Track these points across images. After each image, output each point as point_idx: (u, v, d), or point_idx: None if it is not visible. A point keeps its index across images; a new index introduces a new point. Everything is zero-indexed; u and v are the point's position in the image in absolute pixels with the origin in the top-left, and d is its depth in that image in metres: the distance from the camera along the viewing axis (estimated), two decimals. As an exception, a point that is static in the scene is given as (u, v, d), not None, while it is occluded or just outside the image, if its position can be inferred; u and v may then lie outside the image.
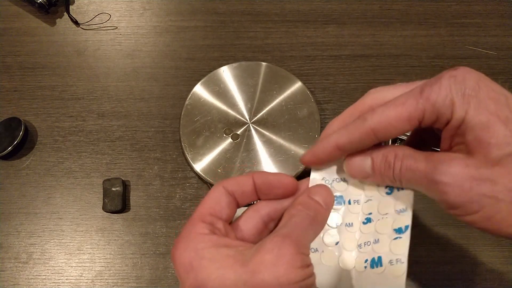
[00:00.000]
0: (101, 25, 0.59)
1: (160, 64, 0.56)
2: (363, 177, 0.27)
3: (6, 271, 0.46)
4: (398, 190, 0.28)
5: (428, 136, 0.30)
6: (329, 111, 0.53)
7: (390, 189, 0.28)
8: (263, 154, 0.47)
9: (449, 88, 0.23)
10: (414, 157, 0.24)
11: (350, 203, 0.29)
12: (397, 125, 0.24)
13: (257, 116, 0.49)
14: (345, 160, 0.27)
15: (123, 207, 0.48)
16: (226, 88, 0.51)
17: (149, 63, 0.56)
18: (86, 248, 0.47)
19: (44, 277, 0.46)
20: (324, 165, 0.29)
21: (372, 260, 0.27)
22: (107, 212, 0.48)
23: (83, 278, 0.46)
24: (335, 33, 0.58)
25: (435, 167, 0.23)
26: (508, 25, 0.59)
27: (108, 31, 0.59)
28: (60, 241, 0.47)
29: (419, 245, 0.46)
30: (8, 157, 0.51)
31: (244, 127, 0.49)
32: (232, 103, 0.50)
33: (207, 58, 0.56)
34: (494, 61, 0.57)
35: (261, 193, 0.27)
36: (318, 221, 0.26)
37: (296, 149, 0.47)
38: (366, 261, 0.27)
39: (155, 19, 0.59)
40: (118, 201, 0.47)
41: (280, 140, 0.48)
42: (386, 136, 0.25)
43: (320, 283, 0.25)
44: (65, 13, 0.59)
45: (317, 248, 0.28)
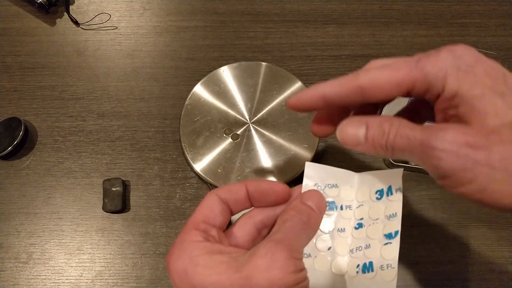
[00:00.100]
0: (101, 25, 0.59)
1: (160, 64, 0.56)
2: (354, 145, 0.26)
3: (6, 271, 0.46)
4: (388, 196, 0.28)
5: (424, 109, 0.30)
6: (329, 111, 0.53)
7: (380, 195, 0.28)
8: (263, 154, 0.47)
9: (445, 61, 0.23)
10: (410, 126, 0.24)
11: (342, 208, 0.29)
12: (385, 88, 0.24)
13: (257, 116, 0.49)
14: (338, 127, 0.27)
15: (123, 207, 0.48)
16: (226, 88, 0.51)
17: (149, 63, 0.56)
18: (86, 248, 0.47)
19: (44, 277, 0.46)
20: (306, 112, 0.28)
21: (364, 265, 0.27)
22: (107, 212, 0.48)
23: (83, 278, 0.46)
24: (335, 33, 0.58)
25: (431, 134, 0.22)
26: (508, 25, 0.59)
27: (108, 31, 0.59)
28: (60, 241, 0.47)
29: (419, 245, 0.46)
30: (8, 157, 0.51)
31: (244, 127, 0.49)
32: (232, 103, 0.50)
33: (207, 58, 0.57)
34: (494, 61, 0.57)
35: (254, 201, 0.27)
36: (311, 226, 0.26)
37: (296, 149, 0.47)
38: (358, 266, 0.28)
39: (155, 19, 0.59)
40: (118, 201, 0.47)
41: (280, 140, 0.48)
42: (372, 97, 0.25)
43: None
44: (65, 13, 0.59)
45: (310, 254, 0.29)
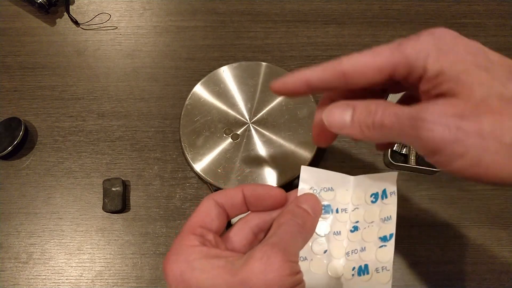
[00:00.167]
0: (101, 25, 0.59)
1: (160, 64, 0.56)
2: (340, 127, 0.25)
3: (6, 271, 0.46)
4: (383, 199, 0.28)
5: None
6: (329, 111, 0.53)
7: (375, 198, 0.28)
8: (263, 154, 0.47)
9: (425, 43, 0.23)
10: (397, 105, 0.23)
11: (338, 211, 0.30)
12: (367, 73, 0.24)
13: (257, 116, 0.49)
14: (325, 110, 0.26)
15: (123, 207, 0.48)
16: (226, 88, 0.51)
17: (149, 63, 0.56)
18: (86, 248, 0.47)
19: (44, 277, 0.46)
20: (289, 97, 0.28)
21: (359, 268, 0.28)
22: (107, 212, 0.48)
23: (83, 278, 0.46)
24: (335, 33, 0.58)
25: (420, 108, 0.22)
26: (508, 25, 0.59)
27: (108, 31, 0.59)
28: (60, 241, 0.47)
29: (419, 245, 0.46)
30: (8, 157, 0.51)
31: (244, 127, 0.49)
32: (232, 103, 0.50)
33: (207, 58, 0.57)
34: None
35: (250, 205, 0.27)
36: (306, 229, 0.26)
37: (296, 149, 0.47)
38: (354, 269, 0.28)
39: (155, 19, 0.59)
40: (118, 201, 0.47)
41: (280, 140, 0.48)
42: (355, 82, 0.25)
43: None
44: (65, 13, 0.59)
45: (306, 257, 0.29)
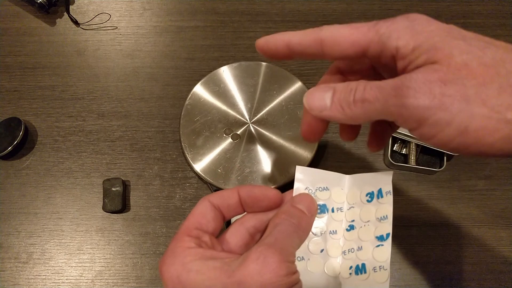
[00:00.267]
0: (101, 25, 0.59)
1: (160, 64, 0.56)
2: (320, 109, 0.25)
3: (6, 271, 0.46)
4: (378, 198, 0.28)
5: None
6: (329, 111, 0.53)
7: (370, 197, 0.28)
8: (263, 154, 0.47)
9: (399, 23, 0.23)
10: (378, 81, 0.23)
11: (334, 211, 0.30)
12: (342, 44, 0.24)
13: (257, 116, 0.49)
14: (306, 93, 0.26)
15: (123, 207, 0.48)
16: (226, 88, 0.51)
17: (149, 63, 0.56)
18: (86, 248, 0.47)
19: (44, 277, 0.46)
20: (272, 58, 0.28)
21: (357, 267, 0.28)
22: (107, 212, 0.48)
23: (83, 278, 0.46)
24: (335, 33, 0.58)
25: (403, 78, 0.21)
26: (508, 25, 0.59)
27: (108, 31, 0.59)
28: (60, 241, 0.47)
29: (419, 245, 0.46)
30: (8, 157, 0.51)
31: (244, 127, 0.49)
32: (232, 103, 0.50)
33: (207, 58, 0.56)
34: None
35: (246, 206, 0.27)
36: (302, 228, 0.26)
37: (296, 149, 0.47)
38: (351, 268, 0.28)
39: (155, 19, 0.59)
40: (118, 201, 0.47)
41: (280, 140, 0.48)
42: (330, 51, 0.25)
43: None
44: (65, 13, 0.59)
45: (303, 257, 0.29)
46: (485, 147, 0.20)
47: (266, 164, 0.47)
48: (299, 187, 0.30)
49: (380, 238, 0.27)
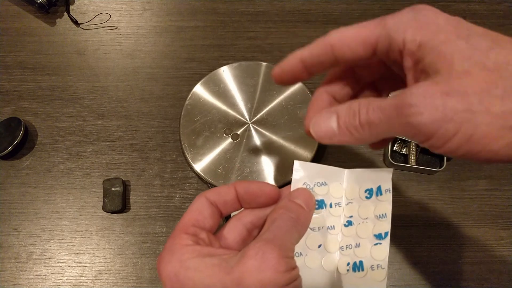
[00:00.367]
0: (101, 25, 0.59)
1: (160, 64, 0.56)
2: (329, 136, 0.25)
3: (6, 271, 0.46)
4: (377, 196, 0.28)
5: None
6: (329, 111, 0.53)
7: (369, 194, 0.28)
8: (263, 154, 0.47)
9: (405, 16, 0.23)
10: (379, 99, 0.23)
11: (332, 206, 0.30)
12: (352, 45, 0.24)
13: (257, 116, 0.49)
14: (310, 124, 0.26)
15: (123, 207, 0.48)
16: (226, 88, 0.51)
17: (149, 63, 0.56)
18: (86, 248, 0.47)
19: (44, 277, 0.46)
20: (291, 82, 0.28)
21: (354, 264, 0.28)
22: (107, 212, 0.48)
23: (83, 278, 0.46)
24: (335, 33, 0.58)
25: (404, 95, 0.21)
26: (508, 25, 0.59)
27: (108, 31, 0.59)
28: (60, 241, 0.47)
29: (419, 245, 0.46)
30: (8, 157, 0.51)
31: (244, 127, 0.49)
32: (232, 103, 0.50)
33: (207, 58, 0.56)
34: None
35: (244, 202, 0.27)
36: (300, 223, 0.26)
37: (296, 149, 0.47)
38: (348, 264, 0.28)
39: (155, 19, 0.59)
40: (118, 201, 0.47)
41: (280, 140, 0.48)
42: (342, 54, 0.25)
43: (305, 285, 0.25)
44: (65, 13, 0.59)
45: (301, 252, 0.29)
46: (491, 153, 0.20)
47: (266, 164, 0.47)
48: (297, 182, 0.29)
49: (379, 237, 0.27)
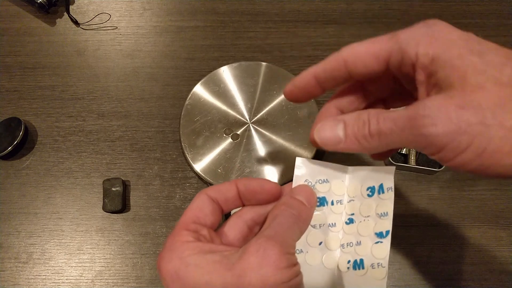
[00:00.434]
0: (101, 25, 0.59)
1: (160, 64, 0.56)
2: (334, 143, 0.25)
3: (6, 271, 0.46)
4: (379, 194, 0.28)
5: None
6: (329, 111, 0.53)
7: (371, 192, 0.28)
8: (263, 154, 0.47)
9: (418, 30, 0.23)
10: (389, 111, 0.23)
11: (333, 203, 0.29)
12: (365, 59, 0.24)
13: (257, 116, 0.49)
14: (314, 130, 0.27)
15: (123, 207, 0.48)
16: (226, 88, 0.51)
17: (149, 63, 0.56)
18: (86, 248, 0.47)
19: (44, 277, 0.46)
20: (303, 99, 0.28)
21: (355, 262, 0.28)
22: (107, 212, 0.48)
23: (83, 278, 0.46)
24: (335, 33, 0.58)
25: (417, 107, 0.21)
26: (508, 25, 0.59)
27: (108, 31, 0.59)
28: (60, 241, 0.47)
29: (419, 245, 0.46)
30: (8, 157, 0.51)
31: (244, 127, 0.49)
32: (232, 103, 0.50)
33: (207, 58, 0.56)
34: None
35: (245, 199, 0.27)
36: (302, 219, 0.26)
37: (296, 149, 0.47)
38: (349, 262, 0.28)
39: (155, 19, 0.59)
40: (118, 201, 0.47)
41: (280, 140, 0.48)
42: (355, 69, 0.25)
43: (305, 283, 0.25)
44: (65, 13, 0.59)
45: (301, 249, 0.29)
46: (502, 168, 0.20)
47: (266, 164, 0.47)
48: (298, 179, 0.29)
49: (380, 235, 0.27)
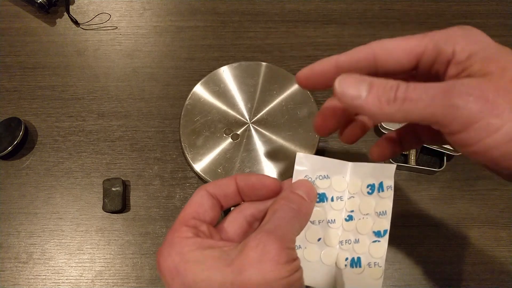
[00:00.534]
0: (101, 25, 0.59)
1: (160, 64, 0.56)
2: (353, 97, 0.22)
3: (6, 271, 0.46)
4: (379, 192, 0.28)
5: (422, 131, 0.29)
6: (329, 111, 0.53)
7: (371, 189, 0.28)
8: (263, 154, 0.47)
9: (455, 32, 0.23)
10: (423, 83, 0.21)
11: (333, 200, 0.29)
12: (396, 54, 0.24)
13: (257, 116, 0.49)
14: (337, 78, 0.23)
15: (123, 207, 0.48)
16: (226, 88, 0.51)
17: (149, 63, 0.56)
18: (86, 248, 0.47)
19: (44, 277, 0.46)
20: (318, 83, 0.26)
21: (352, 260, 0.28)
22: (107, 212, 0.48)
23: (83, 278, 0.46)
24: (335, 33, 0.58)
25: (455, 82, 0.20)
26: (508, 25, 0.59)
27: (108, 31, 0.59)
28: (60, 241, 0.47)
29: (419, 245, 0.46)
30: (8, 157, 0.51)
31: (244, 127, 0.49)
32: (232, 103, 0.50)
33: (207, 58, 0.56)
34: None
35: (244, 195, 0.27)
36: (302, 214, 0.25)
37: (296, 149, 0.47)
38: (347, 259, 0.28)
39: (155, 19, 0.59)
40: (118, 201, 0.47)
41: (280, 140, 0.48)
42: (384, 63, 0.24)
43: (303, 278, 0.25)
44: (65, 13, 0.59)
45: (300, 245, 0.29)
46: None
47: (266, 164, 0.47)
48: (298, 174, 0.29)
49: (378, 234, 0.27)
